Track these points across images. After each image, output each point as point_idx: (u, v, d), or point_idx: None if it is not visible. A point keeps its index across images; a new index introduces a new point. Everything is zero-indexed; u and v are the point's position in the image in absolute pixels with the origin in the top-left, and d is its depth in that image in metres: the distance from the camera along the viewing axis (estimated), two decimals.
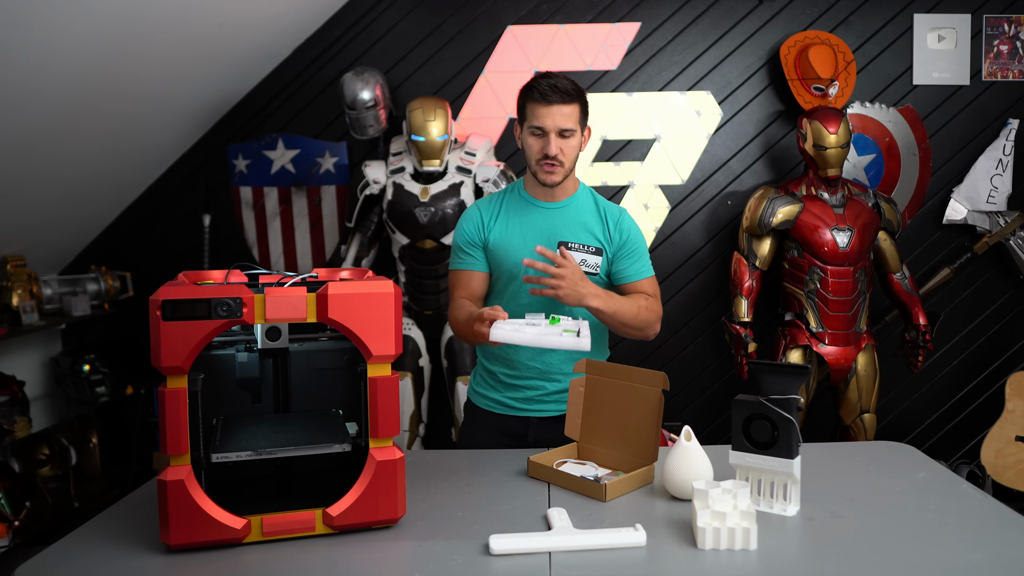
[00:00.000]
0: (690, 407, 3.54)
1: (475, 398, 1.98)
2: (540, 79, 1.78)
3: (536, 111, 1.76)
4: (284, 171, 3.51)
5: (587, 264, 1.83)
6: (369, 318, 1.30)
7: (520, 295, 1.84)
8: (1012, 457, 3.04)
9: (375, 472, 1.32)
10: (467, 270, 1.88)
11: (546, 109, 1.75)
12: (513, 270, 1.84)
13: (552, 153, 1.76)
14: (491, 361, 1.93)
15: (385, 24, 3.45)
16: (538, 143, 1.79)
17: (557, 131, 1.76)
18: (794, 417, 1.36)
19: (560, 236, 1.84)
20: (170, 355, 1.22)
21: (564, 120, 1.76)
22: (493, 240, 1.86)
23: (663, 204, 3.48)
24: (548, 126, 1.76)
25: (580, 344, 1.54)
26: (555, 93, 1.74)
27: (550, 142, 1.76)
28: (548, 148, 1.76)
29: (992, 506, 1.42)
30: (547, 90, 1.74)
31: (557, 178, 1.80)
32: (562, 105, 1.75)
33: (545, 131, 1.76)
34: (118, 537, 1.33)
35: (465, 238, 1.88)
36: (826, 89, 3.25)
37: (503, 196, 1.92)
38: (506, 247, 1.85)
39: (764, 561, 1.21)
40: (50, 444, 3.19)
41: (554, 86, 1.75)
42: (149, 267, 3.59)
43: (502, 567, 1.21)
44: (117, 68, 2.64)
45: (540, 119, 1.76)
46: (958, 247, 3.42)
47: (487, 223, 1.88)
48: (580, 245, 1.84)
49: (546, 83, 1.75)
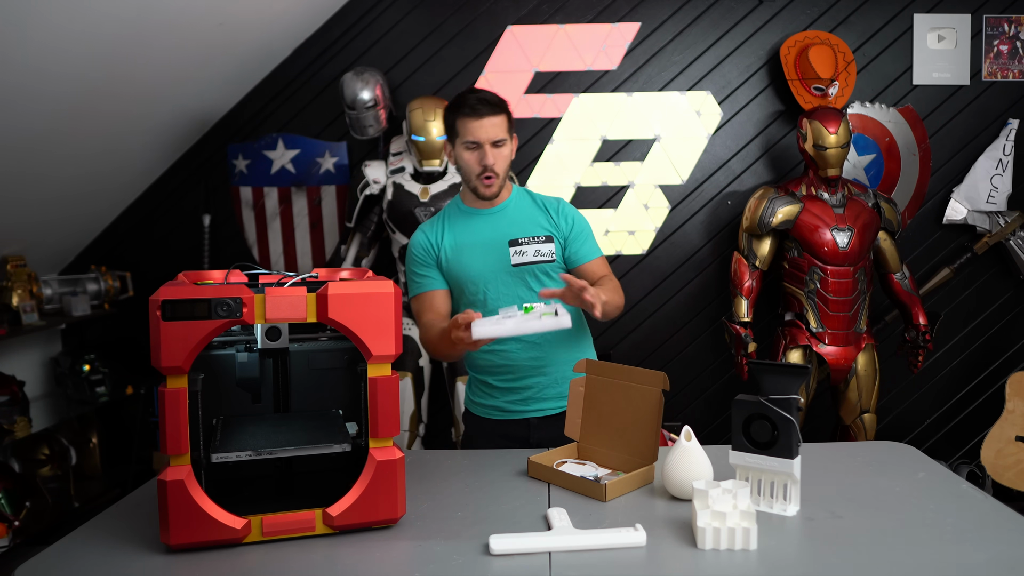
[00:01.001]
0: (690, 407, 3.54)
1: (473, 408, 2.00)
2: (467, 95, 1.83)
3: (468, 126, 1.81)
4: (284, 171, 3.51)
5: (541, 253, 1.87)
6: (369, 318, 1.30)
7: (487, 299, 1.87)
8: (1012, 457, 3.04)
9: (375, 472, 1.32)
10: (429, 291, 1.91)
11: (478, 123, 1.80)
12: (476, 277, 1.87)
13: (490, 163, 1.82)
14: (482, 372, 1.94)
15: (385, 24, 3.46)
16: (474, 156, 1.83)
17: (491, 142, 1.82)
18: (794, 417, 1.36)
19: (509, 235, 1.88)
20: (170, 355, 1.22)
21: (496, 131, 1.82)
22: (446, 255, 1.89)
23: (663, 204, 3.48)
24: (482, 138, 1.81)
25: (561, 323, 1.56)
26: (485, 106, 1.80)
27: (486, 153, 1.82)
28: (485, 159, 1.82)
29: (992, 506, 1.42)
30: (476, 104, 1.80)
31: (495, 189, 1.87)
32: (492, 117, 1.81)
33: (479, 144, 1.81)
34: (118, 537, 1.33)
35: (417, 260, 1.92)
36: (826, 89, 3.25)
37: (443, 216, 1.96)
38: (460, 258, 1.88)
39: (764, 561, 1.21)
40: (50, 444, 3.19)
41: (483, 99, 1.81)
42: (149, 267, 3.59)
43: (502, 567, 1.21)
44: (117, 68, 2.64)
45: (473, 133, 1.81)
46: (958, 247, 3.42)
47: (435, 242, 1.91)
48: (530, 238, 1.88)
49: (474, 98, 1.81)
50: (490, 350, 1.88)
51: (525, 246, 1.87)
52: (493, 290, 1.87)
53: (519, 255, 1.87)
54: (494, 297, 1.86)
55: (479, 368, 1.95)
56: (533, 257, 1.87)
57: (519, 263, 1.86)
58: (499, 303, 1.84)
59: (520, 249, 1.87)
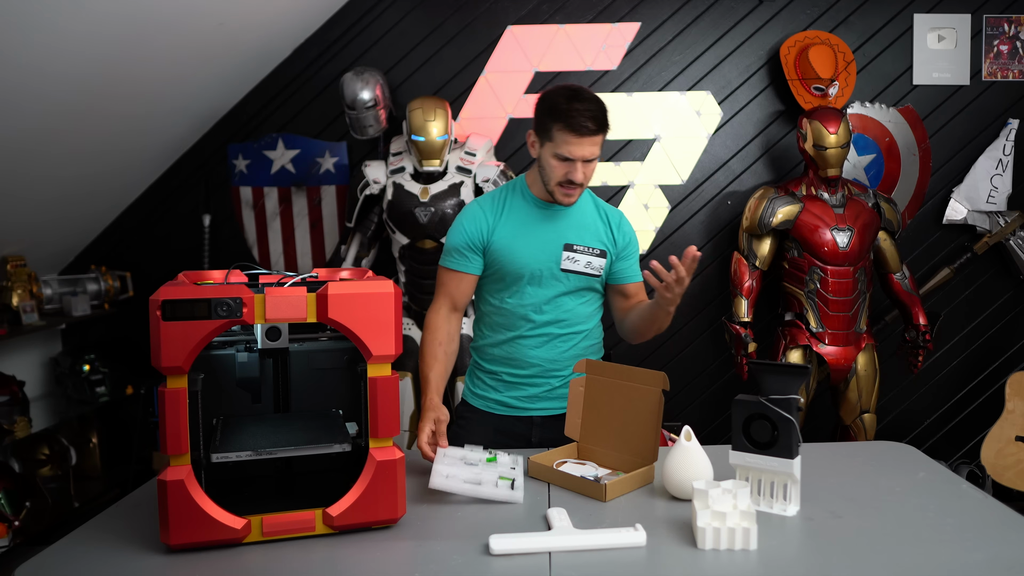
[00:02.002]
0: (690, 407, 3.54)
1: (473, 399, 1.95)
2: (575, 104, 1.69)
3: (567, 140, 1.70)
4: (284, 171, 3.51)
5: (592, 266, 1.84)
6: (369, 318, 1.30)
7: (525, 295, 1.84)
8: (1012, 457, 3.04)
9: (375, 472, 1.32)
10: (459, 271, 1.84)
11: (578, 141, 1.70)
12: (522, 270, 1.82)
13: (578, 180, 1.74)
14: (493, 362, 1.91)
15: (385, 24, 3.45)
16: (563, 167, 1.73)
17: (583, 159, 1.73)
18: (794, 417, 1.36)
19: (566, 239, 1.83)
20: (170, 355, 1.22)
21: (592, 150, 1.73)
22: (496, 242, 1.83)
23: (663, 204, 3.48)
24: (576, 156, 1.71)
25: (514, 496, 1.47)
26: (588, 128, 1.68)
27: (576, 169, 1.73)
28: (574, 175, 1.73)
29: (992, 506, 1.42)
30: (584, 122, 1.68)
31: (575, 200, 1.80)
32: (594, 136, 1.71)
33: (572, 160, 1.72)
34: (118, 537, 1.34)
35: (465, 239, 1.83)
36: (826, 89, 3.25)
37: (504, 196, 1.88)
38: (511, 249, 1.82)
39: (764, 561, 1.21)
40: (50, 444, 3.19)
41: (592, 117, 1.68)
42: (149, 267, 3.59)
43: (502, 567, 1.21)
44: (117, 68, 2.64)
45: (570, 150, 1.70)
46: (958, 247, 3.42)
47: (491, 224, 1.83)
48: (586, 248, 1.84)
49: (581, 116, 1.68)
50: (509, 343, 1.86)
51: (579, 254, 1.82)
52: (533, 288, 1.82)
53: (570, 261, 1.82)
54: (532, 294, 1.82)
55: (492, 359, 1.90)
56: (583, 268, 1.83)
57: (568, 269, 1.82)
58: (535, 300, 1.81)
59: (573, 256, 1.82)
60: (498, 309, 1.88)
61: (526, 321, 1.85)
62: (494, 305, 1.88)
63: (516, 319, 1.86)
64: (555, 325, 1.85)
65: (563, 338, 1.86)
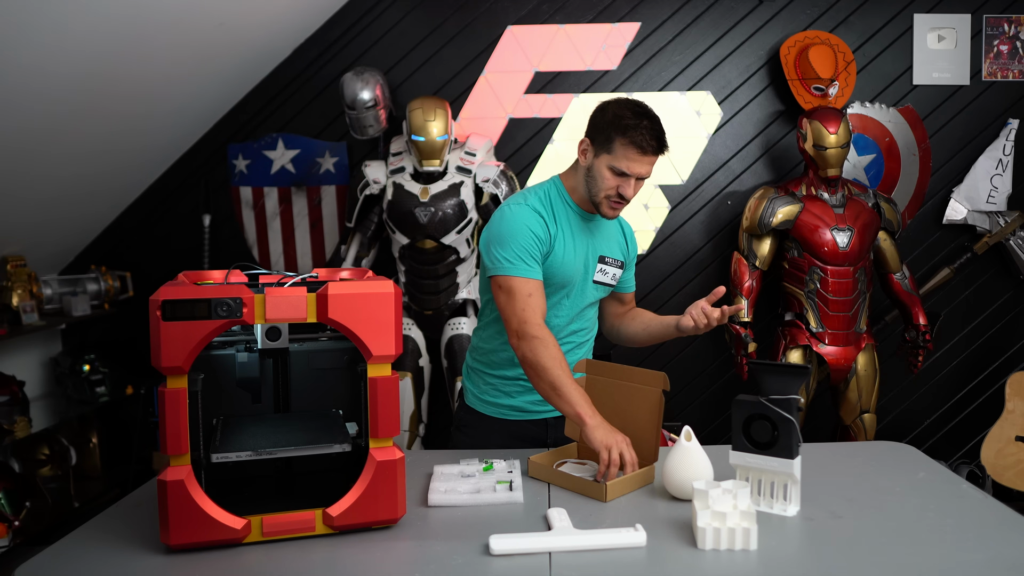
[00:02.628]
0: (690, 407, 3.54)
1: (483, 407, 1.89)
2: (644, 120, 1.67)
3: (629, 155, 1.67)
4: (284, 171, 3.51)
5: (615, 278, 1.87)
6: (369, 318, 1.30)
7: (560, 306, 1.80)
8: (1012, 457, 3.04)
9: (375, 472, 1.32)
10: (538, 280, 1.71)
11: (640, 159, 1.68)
12: (566, 281, 1.79)
13: (629, 197, 1.73)
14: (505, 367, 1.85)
15: (385, 24, 3.46)
16: (616, 181, 1.70)
17: (639, 176, 1.72)
18: (794, 417, 1.36)
19: (600, 251, 1.84)
20: (170, 355, 1.22)
21: (650, 169, 1.72)
22: (556, 251, 1.76)
23: (663, 204, 3.48)
24: (635, 173, 1.70)
25: (513, 498, 1.47)
26: (653, 147, 1.67)
27: (630, 185, 1.71)
28: (626, 191, 1.71)
29: (992, 506, 1.42)
30: (650, 141, 1.66)
31: (619, 214, 1.79)
32: (654, 156, 1.70)
33: (628, 176, 1.70)
34: (118, 537, 1.33)
35: (535, 244, 1.72)
36: (826, 89, 3.25)
37: (551, 202, 1.79)
38: (563, 260, 1.76)
39: (764, 561, 1.21)
40: (50, 444, 3.19)
41: (658, 136, 1.67)
42: (149, 267, 3.59)
43: (502, 567, 1.21)
44: (117, 68, 2.64)
45: (630, 166, 1.68)
46: (958, 247, 3.42)
47: (552, 232, 1.76)
48: (615, 260, 1.86)
49: (649, 134, 1.66)
50: None
51: (609, 267, 1.84)
52: (570, 299, 1.81)
53: (602, 273, 1.83)
54: (569, 304, 1.81)
55: (502, 363, 1.85)
56: (610, 280, 1.85)
57: (599, 281, 1.83)
58: (563, 309, 1.80)
59: (604, 268, 1.83)
60: None
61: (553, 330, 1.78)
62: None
63: None
64: (577, 334, 1.86)
65: (581, 345, 1.88)
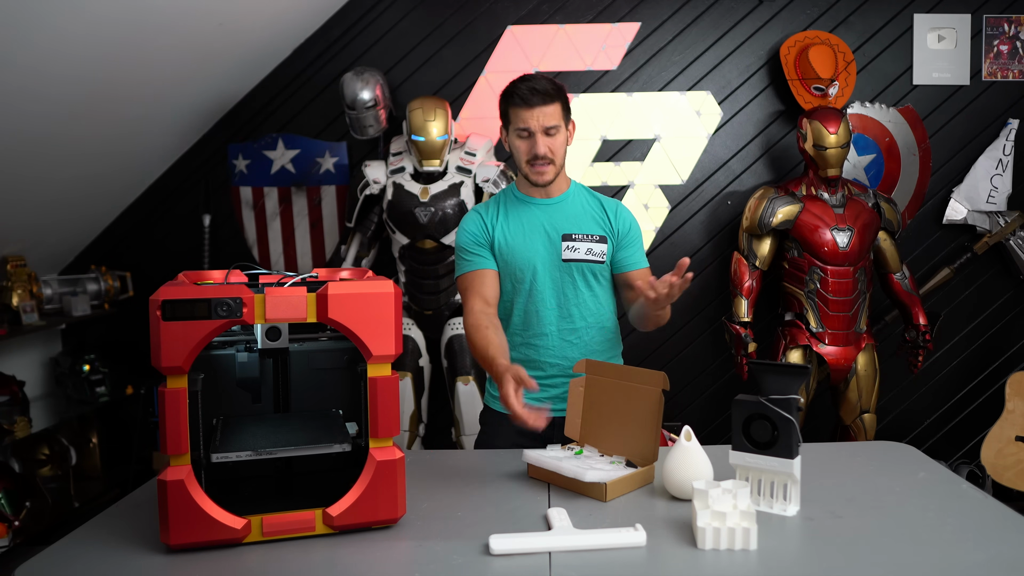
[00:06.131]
0: (690, 407, 3.54)
1: (494, 403, 1.92)
2: (519, 83, 1.80)
3: (519, 114, 1.79)
4: (284, 171, 3.51)
5: (593, 253, 1.86)
6: (369, 318, 1.30)
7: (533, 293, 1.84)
8: (1012, 457, 3.04)
9: (375, 472, 1.32)
10: (478, 270, 1.86)
11: (528, 112, 1.78)
12: (524, 266, 1.85)
13: (541, 152, 1.80)
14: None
15: (385, 24, 3.45)
16: (525, 144, 1.82)
17: (542, 130, 1.79)
18: (794, 417, 1.36)
19: (563, 230, 1.86)
20: (170, 355, 1.22)
21: (548, 119, 1.79)
22: (498, 241, 1.87)
23: (663, 204, 3.48)
24: (533, 127, 1.79)
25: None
26: (535, 95, 1.77)
27: (537, 142, 1.80)
28: (536, 148, 1.80)
29: (992, 506, 1.42)
30: (527, 93, 1.77)
31: (549, 176, 1.83)
32: (544, 106, 1.78)
33: (531, 132, 1.79)
34: (118, 537, 1.33)
35: (470, 238, 1.88)
36: (826, 89, 3.25)
37: (499, 200, 1.94)
38: (512, 246, 1.86)
39: (764, 561, 1.21)
40: (50, 444, 3.19)
41: (533, 88, 1.77)
42: (149, 267, 3.59)
43: (502, 567, 1.21)
44: (117, 69, 2.64)
45: (524, 121, 1.79)
46: (958, 247, 3.42)
47: (489, 223, 1.89)
48: (585, 235, 1.86)
49: (525, 87, 1.78)
50: (526, 344, 1.87)
51: (578, 243, 1.85)
52: (540, 282, 1.85)
53: (571, 251, 1.85)
54: (540, 289, 1.85)
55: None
56: (584, 255, 1.85)
57: (569, 259, 1.85)
58: (544, 296, 1.84)
59: (572, 245, 1.85)
60: (509, 312, 1.89)
61: (538, 320, 1.86)
62: (504, 308, 1.90)
63: (528, 320, 1.87)
64: (566, 320, 1.86)
65: (576, 333, 1.87)
